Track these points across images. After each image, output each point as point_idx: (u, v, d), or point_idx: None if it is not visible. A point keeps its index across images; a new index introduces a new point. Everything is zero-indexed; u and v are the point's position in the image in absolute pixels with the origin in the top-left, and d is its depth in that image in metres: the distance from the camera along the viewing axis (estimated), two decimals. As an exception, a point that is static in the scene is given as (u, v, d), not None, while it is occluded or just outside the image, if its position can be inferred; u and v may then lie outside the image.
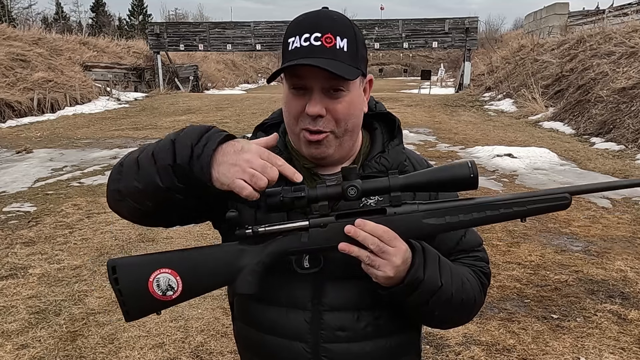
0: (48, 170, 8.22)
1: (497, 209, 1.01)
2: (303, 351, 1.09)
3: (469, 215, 1.01)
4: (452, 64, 39.99)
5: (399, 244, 0.98)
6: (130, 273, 1.00)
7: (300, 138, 1.08)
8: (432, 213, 1.00)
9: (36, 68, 16.85)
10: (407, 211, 1.01)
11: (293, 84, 1.04)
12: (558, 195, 1.00)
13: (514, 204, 1.00)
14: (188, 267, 1.00)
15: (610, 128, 10.30)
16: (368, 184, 0.99)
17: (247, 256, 1.01)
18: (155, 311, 1.02)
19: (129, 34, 43.82)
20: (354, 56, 1.03)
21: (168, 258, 1.01)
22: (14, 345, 3.14)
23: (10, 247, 4.74)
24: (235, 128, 12.57)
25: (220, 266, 1.01)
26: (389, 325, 1.12)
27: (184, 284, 0.99)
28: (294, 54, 1.01)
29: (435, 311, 1.07)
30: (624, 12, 17.81)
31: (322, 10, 1.07)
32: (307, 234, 1.01)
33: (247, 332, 1.18)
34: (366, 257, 0.97)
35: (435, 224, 1.01)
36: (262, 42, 25.20)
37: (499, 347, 3.07)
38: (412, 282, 1.00)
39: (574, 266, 4.21)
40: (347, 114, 1.05)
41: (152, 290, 0.99)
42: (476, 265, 1.18)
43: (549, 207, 1.01)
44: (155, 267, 0.99)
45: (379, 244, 0.96)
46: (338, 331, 1.09)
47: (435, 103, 18.10)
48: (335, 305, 1.08)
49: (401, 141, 1.18)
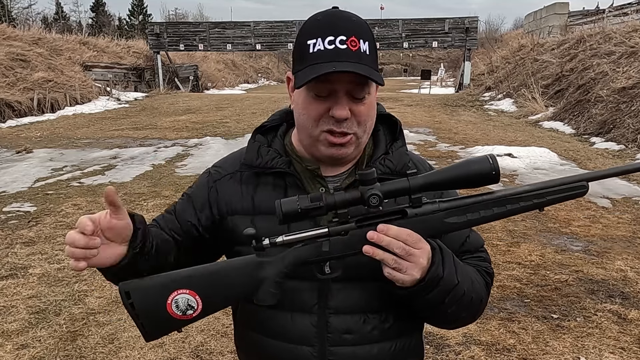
0: (48, 170, 8.22)
1: (517, 202, 0.99)
2: (310, 355, 1.09)
3: (490, 210, 0.99)
4: (452, 64, 39.97)
5: (423, 245, 0.97)
6: (146, 297, 0.97)
7: (320, 140, 1.07)
8: (453, 212, 0.99)
9: (36, 68, 16.84)
10: (428, 211, 0.99)
11: (319, 90, 1.02)
12: (575, 184, 0.99)
13: (534, 196, 0.99)
14: (207, 285, 0.98)
15: (610, 128, 10.30)
16: (387, 187, 0.96)
17: (266, 268, 0.99)
18: (176, 329, 1.00)
19: (129, 33, 43.79)
20: (375, 59, 1.04)
21: (185, 277, 0.98)
22: (14, 345, 3.14)
23: (10, 247, 4.74)
24: (235, 128, 12.58)
25: (240, 280, 0.99)
26: (394, 328, 1.11)
27: (204, 302, 0.97)
28: (318, 57, 0.99)
29: (449, 309, 1.05)
30: (624, 12, 17.81)
31: (338, 11, 1.05)
32: (328, 242, 0.98)
33: (252, 338, 1.17)
34: (392, 261, 0.95)
35: (457, 222, 0.99)
36: (262, 42, 25.20)
37: (499, 346, 3.07)
38: (432, 280, 0.99)
39: (574, 266, 4.21)
40: (369, 115, 1.07)
41: (171, 311, 0.96)
42: (480, 265, 1.18)
43: (567, 196, 1.00)
44: (172, 289, 0.97)
45: (404, 247, 0.95)
46: (345, 334, 1.08)
47: (435, 103, 18.09)
48: (341, 308, 1.08)
49: (404, 143, 1.18)
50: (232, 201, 1.15)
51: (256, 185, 1.15)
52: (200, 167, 8.17)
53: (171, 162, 8.75)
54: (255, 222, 1.10)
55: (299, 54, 1.04)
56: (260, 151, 1.15)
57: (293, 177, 1.12)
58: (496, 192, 1.00)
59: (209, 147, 10.19)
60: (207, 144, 10.47)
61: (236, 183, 1.16)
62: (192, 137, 11.29)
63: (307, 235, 0.99)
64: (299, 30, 1.06)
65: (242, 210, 1.14)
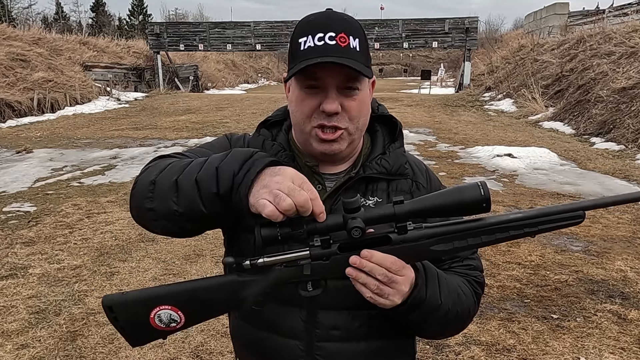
0: (48, 170, 8.22)
1: (507, 230, 0.96)
2: (297, 349, 1.10)
3: (478, 239, 0.97)
4: (452, 64, 39.99)
5: (407, 272, 0.97)
6: (128, 312, 0.99)
7: (312, 135, 1.08)
8: (440, 239, 0.96)
9: (36, 68, 16.84)
10: (414, 238, 0.96)
11: (308, 83, 1.04)
12: (571, 214, 0.96)
13: (525, 225, 0.95)
14: (188, 302, 0.99)
15: (610, 128, 10.30)
16: (372, 214, 0.94)
17: (248, 287, 0.99)
18: (161, 337, 1.02)
19: (129, 33, 43.79)
20: (366, 56, 1.05)
21: (167, 293, 1.00)
22: (14, 345, 3.14)
23: (10, 247, 4.74)
24: (235, 128, 12.58)
25: (222, 298, 1.00)
26: (383, 325, 1.11)
27: (186, 316, 0.99)
28: (308, 54, 1.01)
29: (432, 327, 1.08)
30: (624, 12, 17.82)
31: (330, 11, 1.08)
32: (309, 265, 0.97)
33: (244, 329, 1.18)
34: (374, 286, 0.94)
35: (443, 250, 0.97)
36: (262, 42, 25.21)
37: (499, 347, 3.07)
38: (414, 303, 1.00)
39: (574, 266, 4.21)
40: (360, 111, 1.07)
41: (154, 324, 0.99)
42: (470, 274, 1.16)
43: (561, 225, 0.97)
44: (154, 305, 0.98)
45: (387, 274, 0.94)
46: (332, 330, 1.09)
47: (435, 103, 18.10)
48: (330, 304, 1.09)
49: (402, 144, 1.18)
50: None
51: None
52: (200, 167, 8.18)
53: (171, 162, 8.75)
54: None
55: (292, 53, 1.06)
56: (265, 145, 1.16)
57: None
58: (486, 219, 0.97)
59: (209, 147, 10.18)
60: (207, 144, 10.47)
61: None
62: (192, 137, 11.30)
63: (288, 258, 0.97)
64: (292, 31, 1.08)
65: None
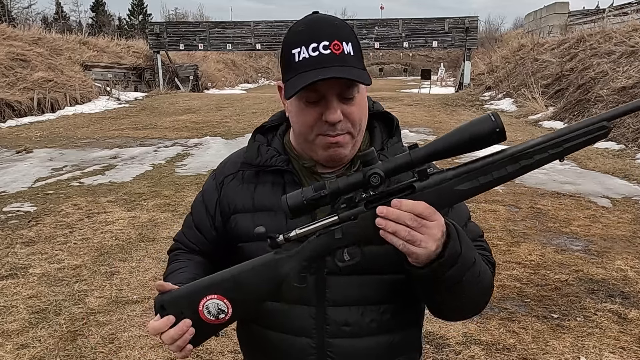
0: (48, 170, 8.22)
1: (531, 156, 0.91)
2: (309, 346, 1.10)
3: (503, 170, 0.92)
4: (452, 64, 39.96)
5: (437, 217, 0.93)
6: (179, 307, 1.01)
7: (316, 144, 1.08)
8: (463, 178, 0.93)
9: (36, 68, 16.83)
10: (437, 181, 0.94)
11: (308, 96, 1.03)
12: (594, 127, 0.91)
13: (549, 147, 0.91)
14: (232, 288, 1.01)
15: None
16: (389, 164, 0.93)
17: (287, 264, 1.00)
18: (214, 334, 1.04)
19: (129, 33, 43.75)
20: (360, 59, 1.05)
21: (211, 283, 1.02)
22: (14, 345, 3.14)
23: (10, 247, 4.74)
24: (235, 128, 12.58)
25: (263, 279, 1.01)
26: (393, 321, 1.12)
27: (232, 304, 1.01)
28: (304, 66, 1.00)
29: (466, 290, 1.01)
30: (624, 12, 17.81)
31: (318, 16, 1.06)
32: (340, 229, 0.96)
33: (252, 330, 1.18)
34: (405, 232, 0.90)
35: (470, 188, 0.94)
36: (262, 41, 25.19)
37: (499, 346, 3.07)
38: (451, 256, 0.95)
39: (574, 266, 4.21)
40: (360, 114, 1.08)
41: (204, 317, 1.01)
42: (482, 254, 1.15)
43: (587, 141, 0.92)
44: (201, 296, 1.00)
45: (416, 219, 0.91)
46: (343, 326, 1.10)
47: (435, 102, 18.09)
48: (339, 300, 1.09)
49: (400, 139, 1.19)
50: (234, 200, 1.19)
51: (256, 184, 1.18)
52: (200, 167, 8.18)
53: (171, 162, 8.76)
54: (255, 219, 1.13)
55: (286, 64, 1.05)
56: (260, 150, 1.18)
57: (291, 175, 1.14)
58: (507, 150, 0.93)
59: (209, 146, 10.19)
60: (207, 144, 10.48)
61: (238, 182, 1.20)
62: (192, 137, 11.29)
63: (319, 225, 0.97)
64: (283, 40, 1.07)
65: (243, 209, 1.17)
